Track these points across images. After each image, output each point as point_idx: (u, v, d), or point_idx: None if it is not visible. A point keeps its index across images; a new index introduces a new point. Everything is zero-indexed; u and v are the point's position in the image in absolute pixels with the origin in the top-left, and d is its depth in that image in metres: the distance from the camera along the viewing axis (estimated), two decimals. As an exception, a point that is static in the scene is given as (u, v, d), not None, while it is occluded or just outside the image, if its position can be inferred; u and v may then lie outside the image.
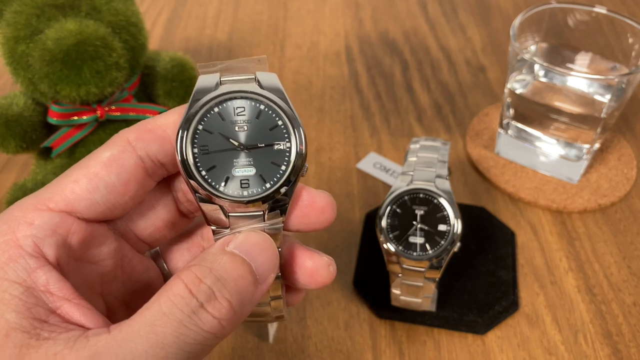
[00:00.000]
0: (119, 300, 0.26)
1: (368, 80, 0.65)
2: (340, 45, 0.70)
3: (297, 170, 0.23)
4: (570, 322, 0.43)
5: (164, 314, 0.20)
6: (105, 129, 0.48)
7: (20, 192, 0.45)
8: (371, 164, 0.55)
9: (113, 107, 0.47)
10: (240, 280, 0.21)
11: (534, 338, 0.42)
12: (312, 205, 0.25)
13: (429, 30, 0.72)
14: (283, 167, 0.23)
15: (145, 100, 0.52)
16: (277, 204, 0.24)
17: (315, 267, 0.25)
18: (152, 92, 0.52)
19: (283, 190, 0.23)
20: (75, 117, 0.46)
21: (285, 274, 0.26)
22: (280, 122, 0.23)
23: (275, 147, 0.23)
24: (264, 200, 0.23)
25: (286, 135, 0.23)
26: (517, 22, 0.49)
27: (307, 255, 0.25)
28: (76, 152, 0.48)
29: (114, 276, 0.25)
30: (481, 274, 0.45)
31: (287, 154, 0.23)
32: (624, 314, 0.43)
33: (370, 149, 0.56)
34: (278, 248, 0.24)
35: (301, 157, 0.23)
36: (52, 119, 0.46)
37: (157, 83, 0.51)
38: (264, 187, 0.23)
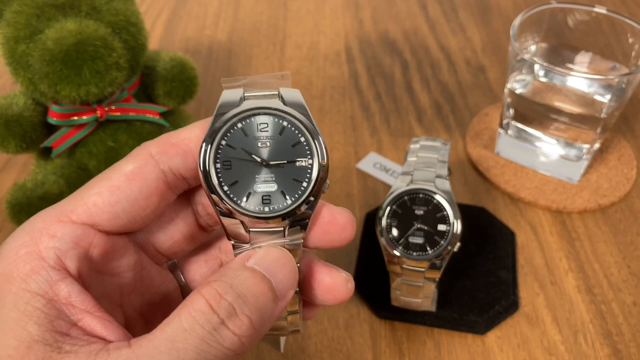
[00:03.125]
0: (136, 312, 0.25)
1: (368, 80, 0.65)
2: (340, 45, 0.70)
3: (319, 187, 0.24)
4: (570, 322, 0.43)
5: (185, 330, 0.20)
6: (105, 129, 0.48)
7: (20, 192, 0.45)
8: (371, 164, 0.55)
9: (113, 107, 0.47)
10: (260, 297, 0.21)
11: (534, 338, 0.42)
12: (333, 222, 0.25)
13: (429, 30, 0.72)
14: (304, 184, 0.23)
15: (145, 100, 0.52)
16: (298, 220, 0.24)
17: (333, 284, 0.25)
18: (152, 92, 0.52)
19: (304, 207, 0.23)
20: (75, 117, 0.46)
21: (303, 290, 0.25)
22: (302, 139, 0.24)
23: (297, 163, 0.24)
24: (285, 216, 0.23)
25: (308, 152, 0.24)
26: (517, 22, 0.49)
27: (326, 272, 0.25)
28: (76, 152, 0.48)
29: (133, 288, 0.25)
30: (481, 274, 0.45)
31: (309, 171, 0.24)
32: (624, 314, 0.43)
33: (370, 149, 0.56)
34: (297, 264, 0.23)
35: (323, 174, 0.24)
36: (52, 119, 0.46)
37: (157, 83, 0.51)
38: (285, 204, 0.23)
